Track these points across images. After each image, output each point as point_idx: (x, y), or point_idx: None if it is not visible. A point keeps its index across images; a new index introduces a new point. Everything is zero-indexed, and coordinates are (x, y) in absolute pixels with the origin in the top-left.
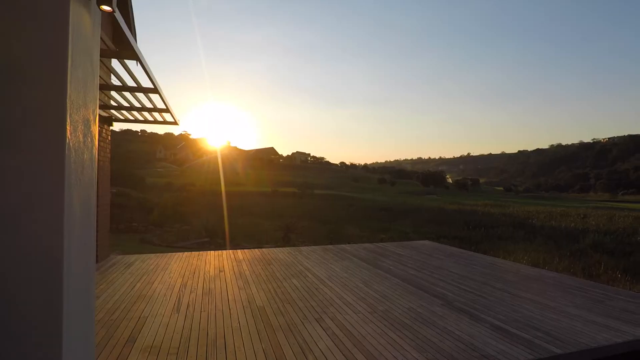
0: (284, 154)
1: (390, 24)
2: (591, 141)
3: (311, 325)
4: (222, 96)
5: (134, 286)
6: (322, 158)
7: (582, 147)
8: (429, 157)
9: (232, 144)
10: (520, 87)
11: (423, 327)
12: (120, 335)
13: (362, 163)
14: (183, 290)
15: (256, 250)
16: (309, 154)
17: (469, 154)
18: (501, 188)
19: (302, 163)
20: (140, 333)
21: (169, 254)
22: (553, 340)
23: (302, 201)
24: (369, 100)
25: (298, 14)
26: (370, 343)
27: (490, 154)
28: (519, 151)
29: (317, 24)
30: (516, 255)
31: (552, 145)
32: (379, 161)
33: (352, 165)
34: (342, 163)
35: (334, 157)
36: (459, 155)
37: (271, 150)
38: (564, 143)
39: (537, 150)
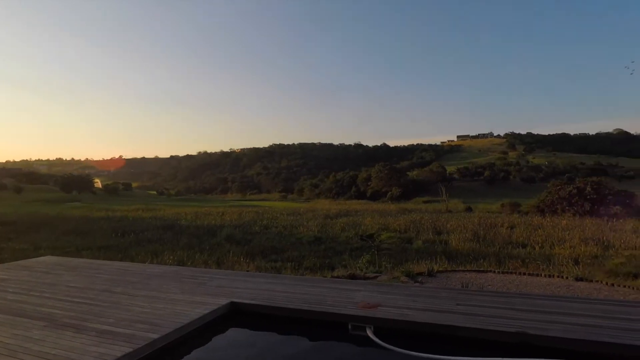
0: None
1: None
2: (229, 150)
3: None
4: None
5: None
6: None
7: (223, 155)
8: (73, 159)
9: None
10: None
11: None
12: None
13: None
14: None
15: None
16: None
17: (121, 156)
18: (154, 192)
19: None
20: None
21: None
22: (153, 327)
23: None
24: None
25: None
26: None
27: (144, 158)
28: (171, 156)
29: None
30: (163, 256)
31: (199, 152)
32: None
33: None
34: None
35: None
36: (109, 158)
37: None
38: (209, 151)
39: (187, 156)
